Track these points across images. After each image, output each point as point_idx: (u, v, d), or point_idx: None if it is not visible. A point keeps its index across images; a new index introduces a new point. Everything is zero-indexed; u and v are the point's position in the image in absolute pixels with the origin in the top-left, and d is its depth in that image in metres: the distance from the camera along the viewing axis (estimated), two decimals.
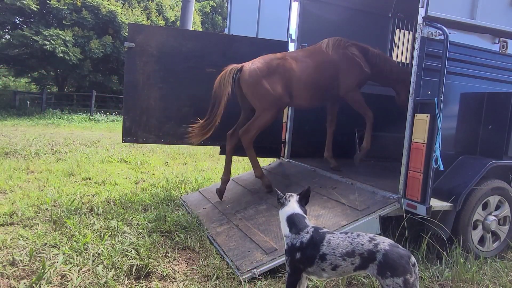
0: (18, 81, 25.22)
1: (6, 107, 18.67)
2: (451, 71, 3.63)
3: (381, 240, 2.29)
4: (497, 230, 3.90)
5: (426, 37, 3.49)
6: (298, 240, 2.42)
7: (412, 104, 3.57)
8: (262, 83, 4.38)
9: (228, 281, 3.10)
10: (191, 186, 6.17)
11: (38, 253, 3.38)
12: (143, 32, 4.92)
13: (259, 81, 4.39)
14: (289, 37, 5.55)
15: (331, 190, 4.30)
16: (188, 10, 15.09)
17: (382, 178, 4.50)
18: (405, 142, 3.65)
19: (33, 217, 4.29)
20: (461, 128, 3.95)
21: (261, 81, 4.38)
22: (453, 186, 3.68)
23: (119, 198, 5.22)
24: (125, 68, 4.97)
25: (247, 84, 4.45)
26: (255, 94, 4.46)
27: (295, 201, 2.61)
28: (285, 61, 4.52)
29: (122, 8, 21.50)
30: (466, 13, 3.61)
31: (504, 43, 4.00)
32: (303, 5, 5.68)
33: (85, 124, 16.60)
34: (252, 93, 4.48)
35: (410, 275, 2.18)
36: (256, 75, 4.40)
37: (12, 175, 6.20)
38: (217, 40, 5.27)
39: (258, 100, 4.47)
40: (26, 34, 18.03)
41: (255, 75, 4.40)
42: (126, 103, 4.97)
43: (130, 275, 3.12)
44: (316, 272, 2.41)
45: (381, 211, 3.62)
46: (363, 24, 6.14)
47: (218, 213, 4.50)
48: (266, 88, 4.38)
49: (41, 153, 8.31)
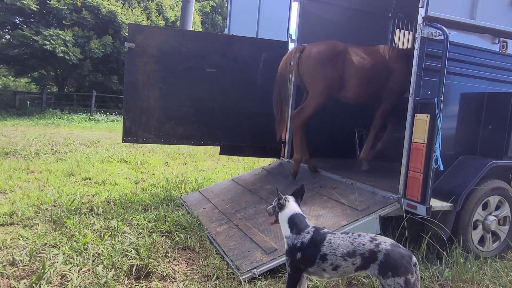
0: (18, 81, 25.21)
1: (6, 107, 18.66)
2: (451, 71, 3.63)
3: (382, 240, 2.29)
4: (497, 230, 3.90)
5: (426, 37, 3.49)
6: (299, 241, 2.42)
7: (412, 104, 3.57)
8: (321, 66, 4.47)
9: (228, 281, 3.10)
10: (191, 186, 6.16)
11: (38, 253, 3.38)
12: (143, 33, 4.92)
13: (319, 64, 4.47)
14: (289, 37, 5.55)
15: (331, 190, 4.30)
16: (188, 10, 15.10)
17: (382, 178, 4.50)
18: (405, 142, 3.65)
19: (33, 217, 4.29)
20: (461, 128, 3.95)
21: (320, 64, 4.47)
22: (453, 186, 3.68)
23: (119, 198, 5.22)
24: (125, 68, 4.97)
25: (307, 65, 4.53)
26: (312, 75, 4.54)
27: (293, 201, 2.61)
28: (346, 52, 4.58)
29: (122, 8, 21.50)
30: (466, 13, 3.61)
31: (504, 43, 4.00)
32: (303, 5, 5.68)
33: (85, 124, 16.59)
34: (309, 74, 4.57)
35: (411, 275, 2.18)
36: (318, 57, 4.48)
37: (12, 175, 6.20)
38: (217, 40, 5.27)
39: (313, 82, 4.56)
40: (26, 34, 18.03)
41: (317, 57, 4.48)
42: (126, 103, 4.97)
43: (130, 275, 3.12)
44: (317, 272, 2.41)
45: (381, 211, 3.62)
46: (363, 24, 6.14)
47: (218, 213, 4.50)
48: (323, 72, 4.46)
49: (41, 153, 8.31)
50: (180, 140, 5.18)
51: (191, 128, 5.14)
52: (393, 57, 4.80)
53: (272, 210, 2.69)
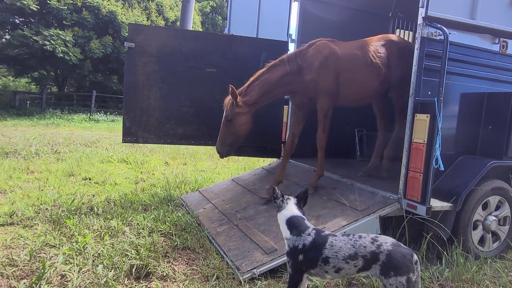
0: (18, 81, 25.21)
1: (6, 107, 18.66)
2: (451, 71, 3.63)
3: (384, 240, 2.29)
4: (497, 230, 3.90)
5: (426, 37, 3.49)
6: (301, 242, 2.41)
7: (412, 104, 3.57)
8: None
9: (228, 281, 3.09)
10: (191, 186, 6.16)
11: (38, 253, 3.38)
12: (143, 32, 4.92)
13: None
14: (289, 37, 5.55)
15: (331, 190, 4.30)
16: (188, 10, 15.10)
17: (382, 178, 4.49)
18: (405, 142, 3.65)
19: (33, 217, 4.29)
20: (461, 128, 3.94)
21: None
22: (453, 186, 3.68)
23: (119, 198, 5.22)
24: (125, 68, 4.97)
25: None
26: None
27: (293, 204, 2.57)
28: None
29: (122, 8, 21.51)
30: (466, 13, 3.61)
31: (504, 43, 4.00)
32: (303, 5, 5.68)
33: (85, 124, 16.59)
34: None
35: (412, 274, 2.19)
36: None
37: (12, 175, 6.20)
38: (217, 40, 5.27)
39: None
40: (26, 34, 18.02)
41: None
42: (126, 103, 4.97)
43: (130, 275, 3.12)
44: (319, 274, 2.41)
45: (381, 211, 3.62)
46: (363, 24, 6.13)
47: (218, 213, 4.50)
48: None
49: (41, 153, 8.31)
50: (180, 140, 5.18)
51: (191, 128, 5.14)
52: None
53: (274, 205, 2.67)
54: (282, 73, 4.21)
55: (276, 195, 2.58)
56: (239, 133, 4.27)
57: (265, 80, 4.20)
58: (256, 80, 4.23)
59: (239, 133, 4.27)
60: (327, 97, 4.31)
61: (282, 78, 4.23)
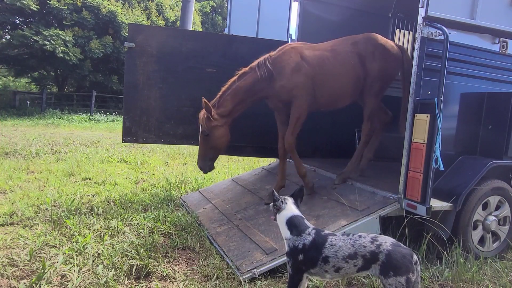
0: (18, 81, 25.22)
1: (6, 107, 18.67)
2: (451, 71, 3.63)
3: (383, 240, 2.29)
4: (497, 230, 3.90)
5: (426, 37, 3.49)
6: (301, 242, 2.41)
7: (412, 104, 3.57)
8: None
9: (228, 281, 3.09)
10: (191, 186, 6.16)
11: (38, 253, 3.38)
12: (143, 32, 4.92)
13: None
14: (289, 37, 5.55)
15: (331, 190, 4.30)
16: (188, 10, 15.10)
17: (382, 178, 4.49)
18: (405, 142, 3.65)
19: (33, 217, 4.29)
20: (461, 128, 3.94)
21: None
22: (453, 186, 3.68)
23: (119, 198, 5.22)
24: (125, 68, 4.97)
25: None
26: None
27: (291, 203, 2.58)
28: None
29: (122, 8, 21.51)
30: (466, 13, 3.61)
31: (504, 43, 4.00)
32: (303, 5, 5.67)
33: (85, 124, 16.59)
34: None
35: (412, 274, 2.19)
36: None
37: (12, 175, 6.20)
38: (217, 40, 5.27)
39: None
40: (26, 34, 18.03)
41: None
42: (126, 103, 4.97)
43: (130, 275, 3.12)
44: (319, 273, 2.41)
45: (381, 211, 3.62)
46: (363, 24, 6.12)
47: (218, 213, 4.50)
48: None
49: (41, 153, 8.31)
50: (180, 140, 5.18)
51: (191, 128, 5.14)
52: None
53: (272, 209, 2.68)
54: (253, 80, 4.12)
55: (275, 198, 2.59)
56: (218, 147, 4.21)
57: (237, 88, 4.11)
58: (228, 90, 4.14)
59: (219, 147, 4.21)
60: (300, 101, 4.22)
61: (254, 85, 4.14)
